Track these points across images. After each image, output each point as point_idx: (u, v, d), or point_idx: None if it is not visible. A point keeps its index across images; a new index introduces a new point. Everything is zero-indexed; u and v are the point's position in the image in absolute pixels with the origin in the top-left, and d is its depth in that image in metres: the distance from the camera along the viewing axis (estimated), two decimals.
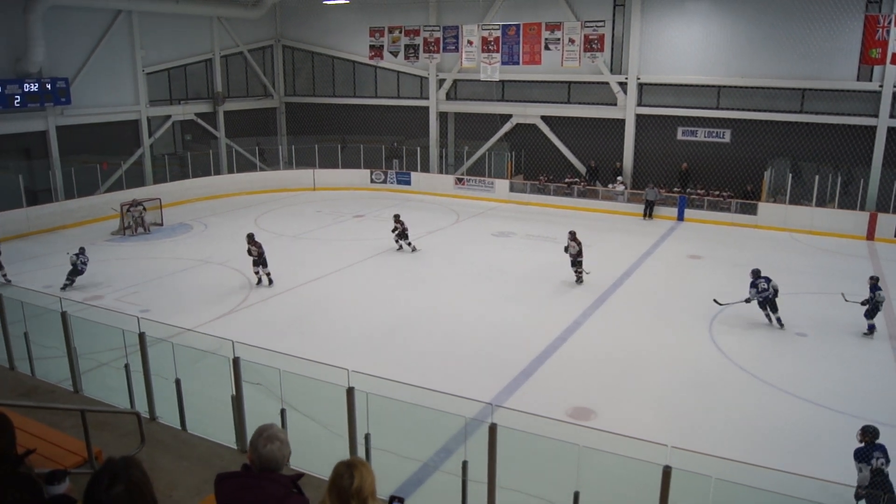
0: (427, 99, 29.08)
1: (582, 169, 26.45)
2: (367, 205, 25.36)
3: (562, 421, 9.34)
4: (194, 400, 7.52)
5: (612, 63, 25.21)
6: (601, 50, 22.95)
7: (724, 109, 23.80)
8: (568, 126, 26.57)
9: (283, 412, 6.99)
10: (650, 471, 5.33)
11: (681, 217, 23.32)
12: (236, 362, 6.85)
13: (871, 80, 21.51)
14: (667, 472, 5.24)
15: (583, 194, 25.29)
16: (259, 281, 16.01)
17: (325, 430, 7.81)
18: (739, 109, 23.54)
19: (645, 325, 13.83)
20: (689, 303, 14.92)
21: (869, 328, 13.07)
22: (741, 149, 23.61)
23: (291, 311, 14.57)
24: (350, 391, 6.40)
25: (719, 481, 5.42)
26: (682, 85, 24.34)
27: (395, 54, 26.49)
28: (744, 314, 14.24)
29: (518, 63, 24.16)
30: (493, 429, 5.92)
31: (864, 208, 21.40)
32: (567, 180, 25.93)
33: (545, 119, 26.91)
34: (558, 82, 26.32)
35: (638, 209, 23.85)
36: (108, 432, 6.74)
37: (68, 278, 15.51)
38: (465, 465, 6.30)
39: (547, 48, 23.51)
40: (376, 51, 26.74)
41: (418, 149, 28.35)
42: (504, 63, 24.28)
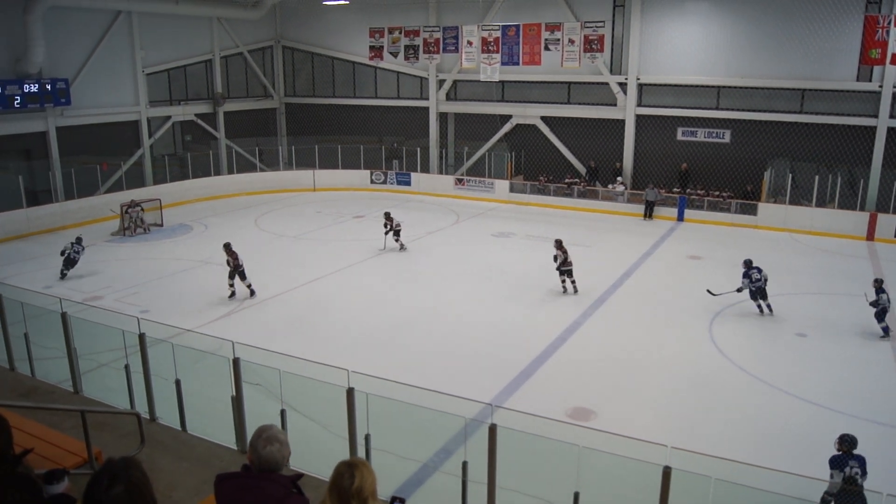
0: (427, 99, 29.08)
1: (582, 169, 26.45)
2: (367, 205, 25.36)
3: (562, 421, 9.35)
4: (194, 400, 7.53)
5: (611, 63, 25.22)
6: (601, 50, 22.96)
7: (723, 110, 23.81)
8: (568, 126, 26.58)
9: (283, 413, 6.99)
10: (650, 471, 5.34)
11: (681, 217, 23.32)
12: (236, 363, 6.85)
13: (870, 80, 21.51)
14: (667, 472, 5.24)
15: (583, 195, 25.30)
16: (232, 294, 14.98)
17: (325, 431, 7.81)
18: (739, 110, 23.54)
19: (645, 325, 13.83)
20: (689, 303, 14.91)
21: (884, 330, 13.02)
22: (741, 149, 23.61)
23: (291, 311, 14.56)
24: (350, 392, 6.41)
25: (719, 482, 5.42)
26: (682, 85, 24.34)
27: (394, 55, 26.50)
28: (744, 315, 14.25)
29: (518, 63, 24.17)
30: (493, 429, 5.92)
31: (864, 209, 21.41)
32: (567, 181, 25.94)
33: (545, 119, 26.91)
34: (558, 83, 26.33)
35: (638, 209, 23.85)
36: (108, 433, 6.75)
37: (63, 267, 16.25)
38: (465, 465, 6.30)
39: (547, 49, 23.52)
40: (376, 51, 26.75)
41: (418, 149, 28.35)
42: (504, 63, 24.29)
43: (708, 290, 14.79)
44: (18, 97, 21.18)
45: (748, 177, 23.26)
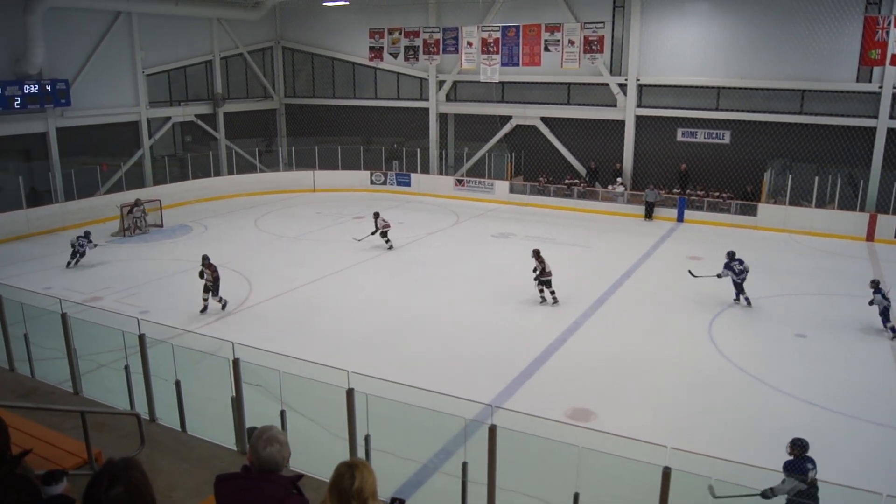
0: (427, 100, 29.09)
1: (582, 170, 26.45)
2: (366, 206, 25.28)
3: (561, 422, 9.34)
4: (194, 401, 7.52)
5: (611, 64, 25.22)
6: (601, 51, 22.97)
7: (723, 111, 23.81)
8: (568, 127, 26.58)
9: (282, 413, 6.99)
10: (650, 472, 5.34)
11: (680, 218, 23.32)
12: (236, 363, 6.85)
13: (870, 81, 21.52)
14: (666, 473, 5.24)
15: (582, 195, 25.30)
16: (204, 308, 14.26)
17: (325, 432, 7.81)
18: (739, 111, 23.55)
19: (645, 326, 13.83)
20: (689, 304, 14.92)
21: (892, 331, 13.02)
22: (741, 150, 23.61)
23: (291, 312, 14.56)
24: (350, 392, 6.41)
25: (719, 482, 5.42)
26: (682, 86, 24.34)
27: (394, 56, 26.50)
28: (744, 315, 14.25)
29: (518, 64, 24.17)
30: (493, 430, 5.92)
31: (863, 209, 21.42)
32: (567, 182, 25.94)
33: (545, 120, 26.91)
34: (558, 83, 26.33)
35: (637, 210, 23.86)
36: (108, 433, 6.74)
37: (71, 258, 17.48)
38: (465, 466, 6.30)
39: (547, 49, 23.53)
40: (376, 52, 26.75)
41: (418, 150, 28.35)
42: (504, 64, 24.30)
43: (689, 272, 15.62)
44: (18, 98, 21.20)
45: (748, 177, 23.25)
